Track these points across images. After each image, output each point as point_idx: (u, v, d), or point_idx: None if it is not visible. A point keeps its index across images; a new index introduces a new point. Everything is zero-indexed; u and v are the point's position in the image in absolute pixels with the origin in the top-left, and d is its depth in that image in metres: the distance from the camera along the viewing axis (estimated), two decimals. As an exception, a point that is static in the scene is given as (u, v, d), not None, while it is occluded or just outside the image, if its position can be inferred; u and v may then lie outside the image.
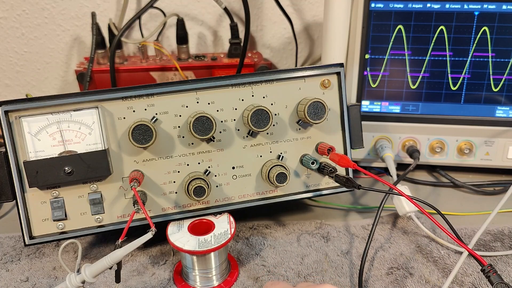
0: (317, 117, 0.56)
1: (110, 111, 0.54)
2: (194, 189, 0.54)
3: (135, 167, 0.56)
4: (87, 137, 0.53)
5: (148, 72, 0.89)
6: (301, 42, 1.03)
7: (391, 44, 0.72)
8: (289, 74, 0.58)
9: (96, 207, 0.56)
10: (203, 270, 0.54)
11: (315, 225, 0.65)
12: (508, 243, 0.61)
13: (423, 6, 0.69)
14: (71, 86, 1.02)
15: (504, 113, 0.74)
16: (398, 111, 0.76)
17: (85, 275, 0.46)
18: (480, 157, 0.76)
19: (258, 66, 0.91)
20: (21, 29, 0.95)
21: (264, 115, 0.55)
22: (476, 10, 0.69)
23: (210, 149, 0.57)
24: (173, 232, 0.55)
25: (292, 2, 0.98)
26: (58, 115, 0.52)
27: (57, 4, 0.94)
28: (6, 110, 0.52)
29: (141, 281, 0.56)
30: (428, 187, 0.78)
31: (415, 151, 0.75)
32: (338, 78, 0.60)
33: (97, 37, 0.87)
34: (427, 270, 0.57)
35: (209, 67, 0.89)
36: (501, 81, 0.72)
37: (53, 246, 0.62)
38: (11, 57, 0.98)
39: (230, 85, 0.56)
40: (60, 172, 0.52)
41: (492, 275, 0.45)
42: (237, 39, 0.92)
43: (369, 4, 0.70)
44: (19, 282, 0.56)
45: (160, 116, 0.55)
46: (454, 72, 0.73)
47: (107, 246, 0.62)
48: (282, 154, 0.59)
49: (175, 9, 0.96)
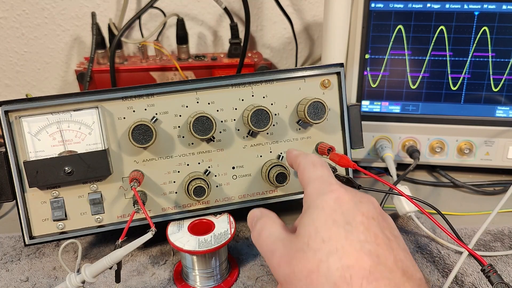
0: (317, 117, 0.56)
1: (110, 111, 0.54)
2: (194, 189, 0.54)
3: (135, 167, 0.56)
4: (87, 137, 0.53)
5: (148, 72, 0.89)
6: (301, 42, 1.03)
7: (391, 44, 0.72)
8: (289, 74, 0.58)
9: (96, 207, 0.56)
10: (203, 270, 0.54)
11: (315, 225, 0.65)
12: (508, 243, 0.61)
13: (423, 6, 0.69)
14: (71, 86, 1.02)
15: (504, 113, 0.74)
16: (398, 111, 0.76)
17: (85, 275, 0.46)
18: (480, 157, 0.76)
19: (258, 66, 0.91)
20: (21, 29, 0.95)
21: (264, 115, 0.55)
22: (476, 10, 0.69)
23: (210, 149, 0.57)
24: (173, 232, 0.55)
25: (292, 2, 0.98)
26: (58, 115, 0.52)
27: (57, 4, 0.94)
28: (6, 110, 0.52)
29: (141, 281, 0.56)
30: (428, 187, 0.78)
31: (415, 151, 0.75)
32: (338, 78, 0.60)
33: (97, 37, 0.87)
34: (427, 270, 0.57)
35: (209, 67, 0.89)
36: (501, 81, 0.72)
37: (53, 246, 0.62)
38: (11, 57, 0.98)
39: (230, 85, 0.56)
40: (60, 172, 0.52)
41: (492, 275, 0.45)
42: (237, 39, 0.92)
43: (369, 4, 0.70)
44: (19, 282, 0.56)
45: (160, 116, 0.55)
46: (454, 72, 0.73)
47: (107, 246, 0.62)
48: (282, 154, 0.59)
49: (175, 9, 0.96)
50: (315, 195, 0.40)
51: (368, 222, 0.37)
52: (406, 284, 0.34)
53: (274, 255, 0.39)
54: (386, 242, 0.36)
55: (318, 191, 0.40)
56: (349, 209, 0.37)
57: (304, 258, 0.36)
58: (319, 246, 0.35)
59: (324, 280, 0.34)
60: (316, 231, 0.36)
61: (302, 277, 0.35)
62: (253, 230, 0.44)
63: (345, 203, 0.38)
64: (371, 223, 0.37)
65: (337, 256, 0.34)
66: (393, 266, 0.34)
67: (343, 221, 0.36)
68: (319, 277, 0.34)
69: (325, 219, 0.37)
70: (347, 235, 0.35)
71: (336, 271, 0.33)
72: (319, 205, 0.38)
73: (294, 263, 0.36)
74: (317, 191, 0.40)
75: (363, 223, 0.36)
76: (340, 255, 0.34)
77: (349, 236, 0.35)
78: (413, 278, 0.35)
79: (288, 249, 0.38)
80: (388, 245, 0.36)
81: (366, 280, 0.33)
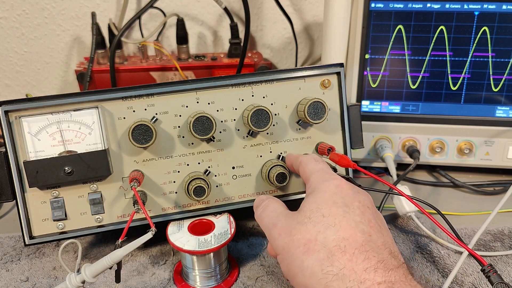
0: (317, 117, 0.56)
1: (110, 111, 0.54)
2: (194, 189, 0.54)
3: (135, 167, 0.56)
4: (87, 137, 0.53)
5: (148, 72, 0.89)
6: (301, 42, 1.03)
7: (391, 44, 0.72)
8: (289, 74, 0.58)
9: (96, 207, 0.56)
10: (203, 270, 0.54)
11: (315, 225, 0.65)
12: (508, 243, 0.61)
13: (423, 6, 0.69)
14: (71, 86, 1.02)
15: (504, 113, 0.74)
16: (398, 111, 0.76)
17: (85, 275, 0.46)
18: (480, 157, 0.76)
19: (258, 66, 0.90)
20: (21, 29, 0.95)
21: (264, 115, 0.55)
22: (476, 10, 0.69)
23: (210, 149, 0.57)
24: (173, 232, 0.55)
25: (292, 2, 0.98)
26: (58, 115, 0.52)
27: (57, 4, 0.94)
28: (6, 110, 0.52)
29: (141, 281, 0.56)
30: (428, 187, 0.78)
31: (415, 151, 0.75)
32: (338, 78, 0.60)
33: (97, 37, 0.87)
34: (427, 270, 0.57)
35: (209, 67, 0.89)
36: (501, 81, 0.72)
37: (53, 246, 0.62)
38: (11, 57, 0.98)
39: (230, 85, 0.56)
40: (60, 172, 0.52)
41: (492, 275, 0.45)
42: (237, 39, 0.92)
43: (369, 4, 0.70)
44: (19, 282, 0.56)
45: (160, 116, 0.55)
46: (454, 72, 0.73)
47: (107, 246, 0.62)
48: (282, 154, 0.59)
49: (175, 9, 0.96)
50: (317, 182, 0.44)
51: (363, 209, 0.42)
52: (392, 260, 0.38)
53: (276, 226, 0.43)
54: (377, 228, 0.40)
55: (320, 178, 0.45)
56: (348, 194, 0.42)
57: (304, 229, 0.40)
58: (319, 220, 0.40)
59: (321, 247, 0.38)
60: (318, 207, 0.41)
61: (300, 245, 0.39)
62: (257, 209, 0.48)
63: (344, 190, 0.43)
64: (366, 210, 0.42)
65: (334, 229, 0.39)
66: (382, 246, 0.39)
67: (342, 203, 0.41)
68: (316, 245, 0.38)
69: (326, 199, 0.42)
70: (345, 214, 0.40)
71: (332, 241, 0.38)
72: (321, 189, 0.43)
73: (294, 232, 0.40)
74: (319, 179, 0.45)
75: (359, 208, 0.41)
76: (337, 228, 0.39)
77: (346, 216, 0.40)
78: (397, 258, 0.39)
79: (289, 222, 0.42)
80: (379, 230, 0.40)
81: (358, 250, 0.37)
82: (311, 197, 0.43)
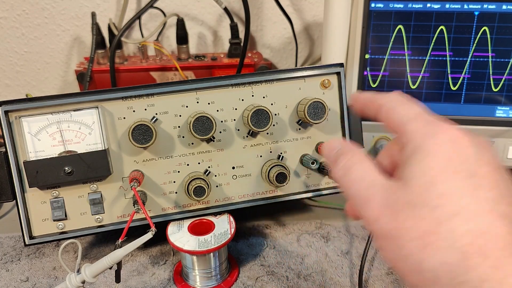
0: (317, 117, 0.56)
1: (110, 111, 0.54)
2: (194, 189, 0.54)
3: (135, 167, 0.56)
4: (87, 137, 0.53)
5: (148, 72, 0.89)
6: (301, 42, 1.03)
7: (391, 44, 0.72)
8: (289, 74, 0.58)
9: (96, 207, 0.56)
10: (203, 270, 0.54)
11: (315, 225, 0.65)
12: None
13: (423, 6, 0.69)
14: (71, 86, 1.02)
15: (504, 113, 0.74)
16: (398, 111, 0.76)
17: (85, 275, 0.46)
18: (480, 157, 0.76)
19: (258, 66, 0.90)
20: (21, 29, 0.95)
21: (264, 115, 0.55)
22: (476, 10, 0.69)
23: (210, 149, 0.57)
24: (173, 232, 0.55)
25: (292, 2, 0.98)
26: (58, 115, 0.52)
27: (57, 4, 0.94)
28: (6, 110, 0.52)
29: (141, 281, 0.56)
30: (428, 187, 0.77)
31: (415, 151, 0.74)
32: (338, 78, 0.60)
33: (97, 37, 0.87)
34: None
35: (209, 67, 0.89)
36: (501, 81, 0.72)
37: (53, 246, 0.62)
38: (11, 57, 0.98)
39: (230, 85, 0.56)
40: (60, 172, 0.52)
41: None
42: (237, 39, 0.92)
43: (369, 4, 0.70)
44: (19, 282, 0.56)
45: (160, 116, 0.55)
46: (454, 72, 0.73)
47: (107, 246, 0.62)
48: (282, 154, 0.59)
49: (175, 9, 0.96)
50: (421, 137, 0.31)
51: (495, 174, 0.29)
52: None
53: (370, 204, 0.31)
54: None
55: (424, 131, 0.32)
56: (470, 155, 0.29)
57: (416, 215, 0.28)
58: (437, 202, 0.28)
59: (446, 245, 0.27)
60: (431, 181, 0.29)
61: (414, 237, 0.28)
62: (335, 165, 0.35)
63: (464, 148, 0.30)
64: (497, 175, 0.29)
65: (463, 217, 0.27)
66: None
67: (466, 171, 0.28)
68: (439, 240, 0.27)
69: (441, 168, 0.29)
70: (473, 192, 0.28)
71: (463, 237, 0.26)
72: (430, 149, 0.30)
73: (402, 218, 0.29)
74: (423, 130, 0.32)
75: (490, 175, 0.29)
76: (466, 217, 0.27)
77: (475, 193, 0.27)
78: None
79: (391, 200, 0.30)
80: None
81: (504, 251, 0.26)
82: (418, 163, 0.30)
